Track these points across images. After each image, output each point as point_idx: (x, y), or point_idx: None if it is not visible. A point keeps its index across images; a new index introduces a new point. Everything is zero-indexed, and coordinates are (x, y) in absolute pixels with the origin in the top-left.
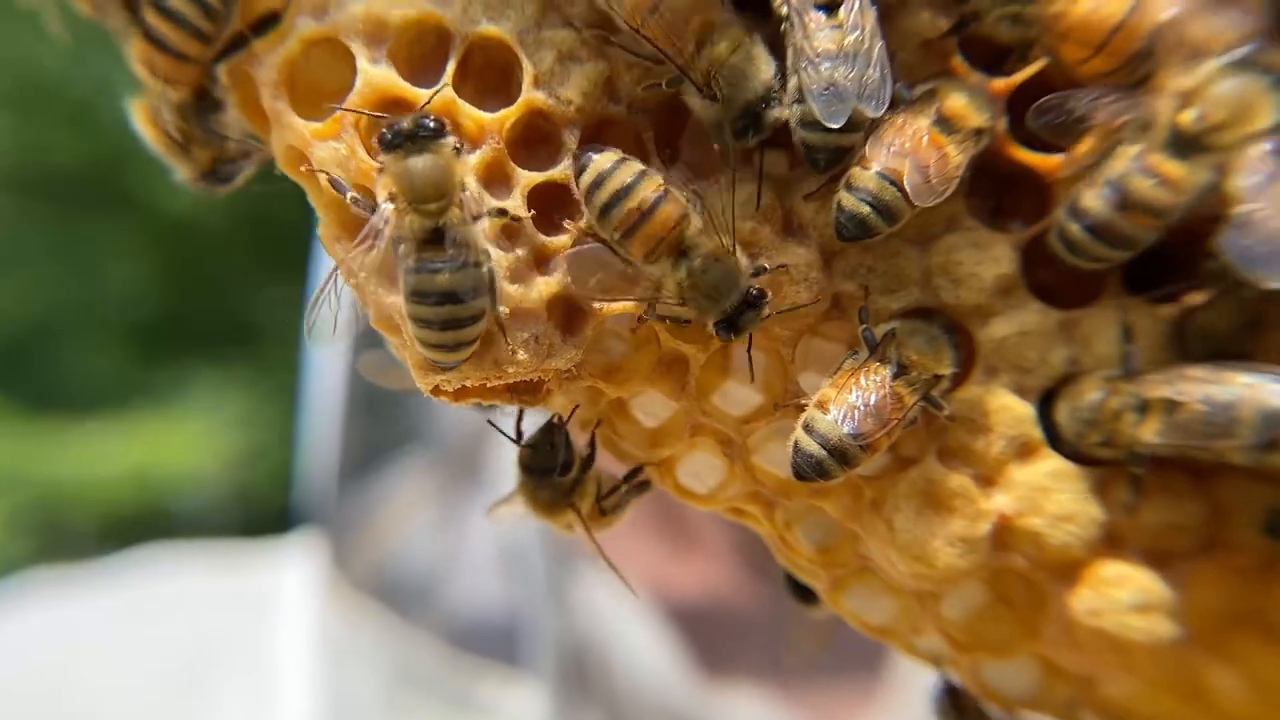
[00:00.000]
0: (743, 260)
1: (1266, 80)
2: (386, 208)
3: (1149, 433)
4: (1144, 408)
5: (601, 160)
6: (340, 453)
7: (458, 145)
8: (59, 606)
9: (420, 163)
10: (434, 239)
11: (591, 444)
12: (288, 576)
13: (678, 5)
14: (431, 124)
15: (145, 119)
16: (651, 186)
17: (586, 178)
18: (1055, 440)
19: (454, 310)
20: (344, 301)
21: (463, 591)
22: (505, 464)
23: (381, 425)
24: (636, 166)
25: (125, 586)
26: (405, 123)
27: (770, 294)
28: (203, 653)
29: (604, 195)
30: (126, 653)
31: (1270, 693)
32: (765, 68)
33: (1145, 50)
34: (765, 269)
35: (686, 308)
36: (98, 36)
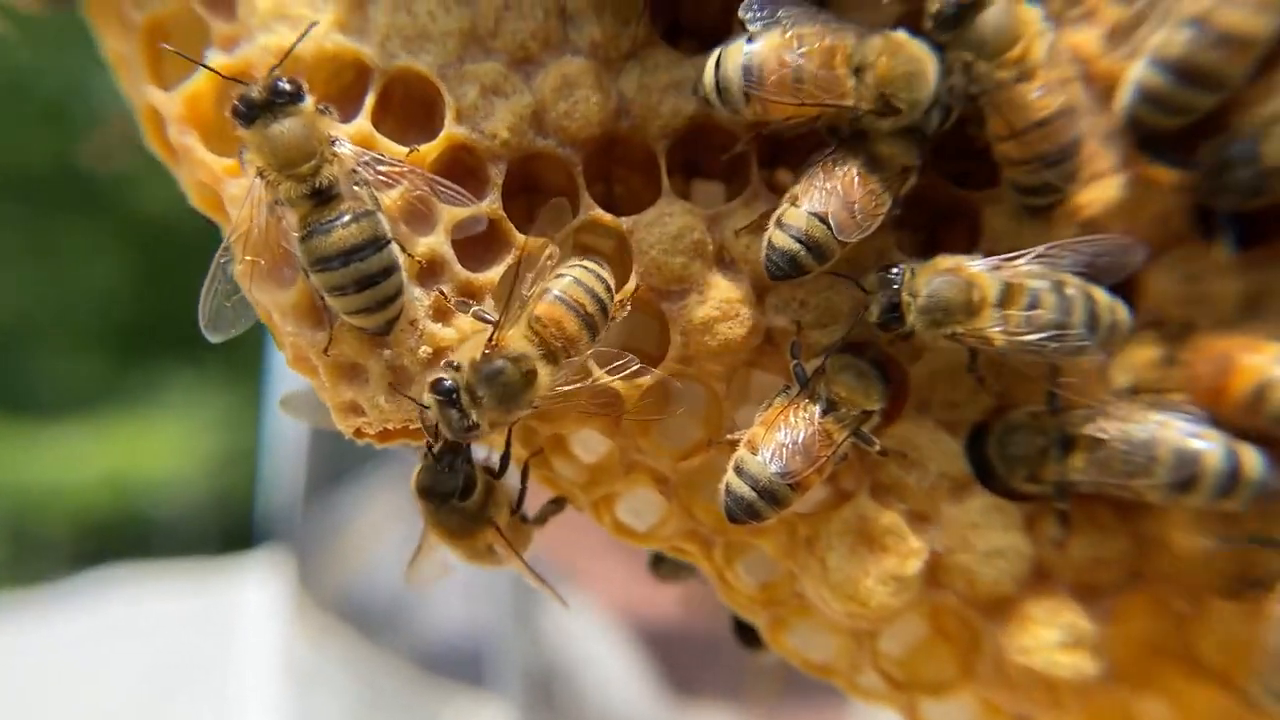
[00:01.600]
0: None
1: None
2: (256, 183)
3: (1072, 469)
4: (1067, 444)
5: None
6: (306, 469)
7: (321, 107)
8: (20, 632)
9: (280, 128)
10: (318, 200)
11: (504, 461)
12: (253, 596)
13: (813, 56)
14: (286, 86)
15: None
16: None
17: None
18: (986, 475)
19: (360, 267)
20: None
21: (430, 613)
22: None
23: (348, 441)
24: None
25: (88, 610)
26: (257, 91)
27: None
28: (166, 676)
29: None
30: (89, 678)
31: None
32: (926, 57)
33: (1055, 158)
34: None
35: None
36: (68, 35)
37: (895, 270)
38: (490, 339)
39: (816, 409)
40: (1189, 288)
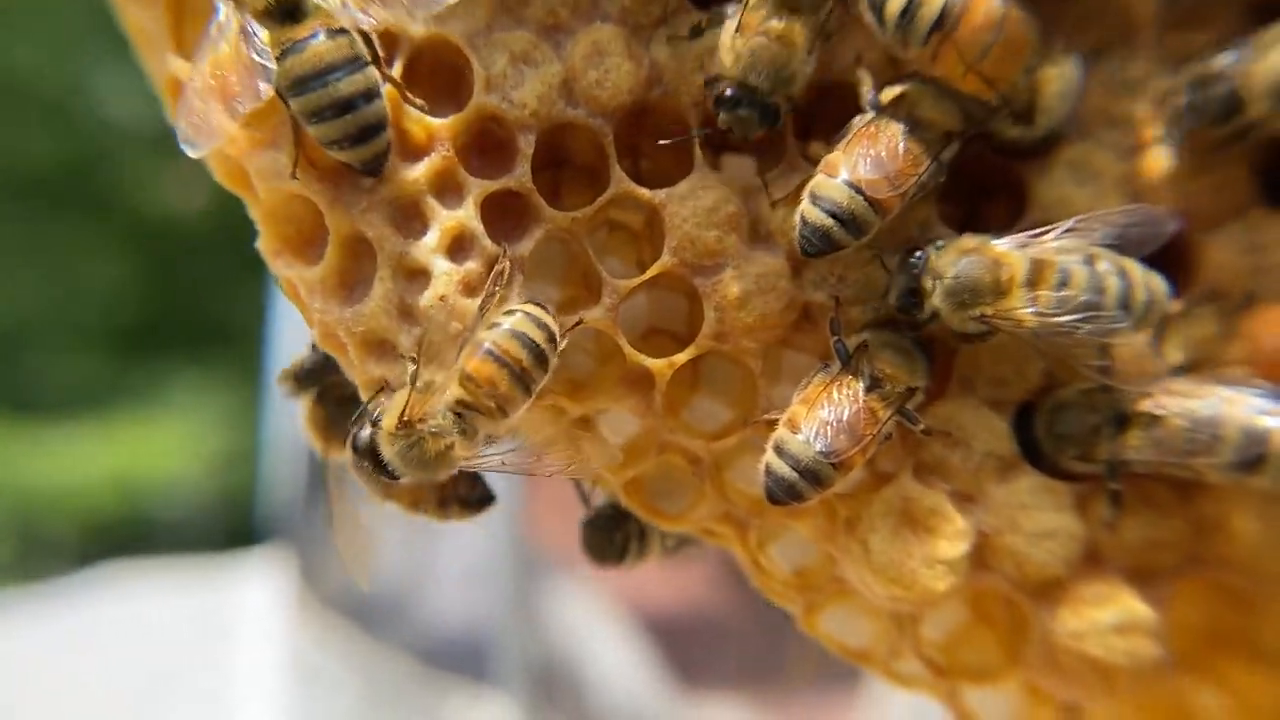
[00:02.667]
0: None
1: None
2: (227, 8)
3: (1127, 448)
4: (1122, 421)
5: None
6: (307, 467)
7: None
8: (24, 628)
9: None
10: (285, 16)
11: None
12: (256, 593)
13: (1015, 24)
14: None
15: None
16: None
17: None
18: (1034, 455)
19: (340, 87)
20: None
21: (432, 607)
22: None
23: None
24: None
25: (90, 606)
26: None
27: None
28: (169, 673)
29: None
30: (92, 675)
31: (1256, 714)
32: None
33: None
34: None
35: None
36: (70, 36)
37: (919, 253)
38: (403, 410)
39: (860, 386)
40: (1251, 259)
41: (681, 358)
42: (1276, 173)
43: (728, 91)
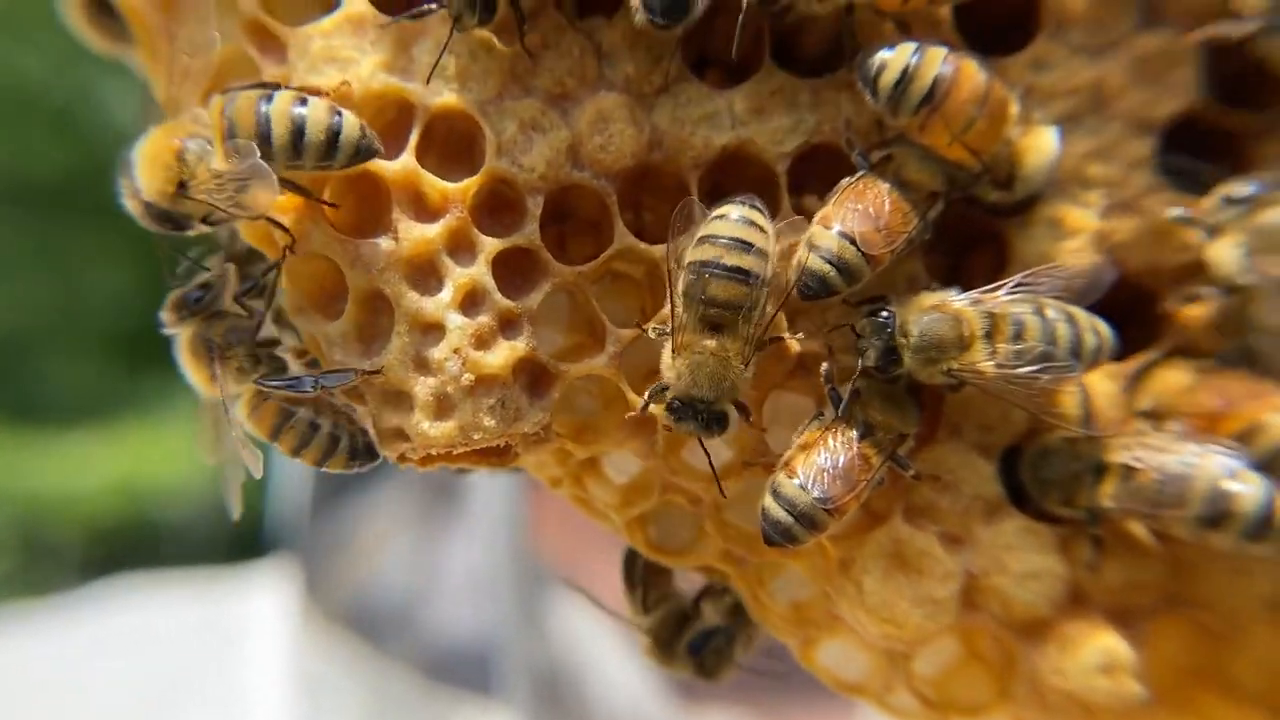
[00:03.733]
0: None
1: None
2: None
3: (1104, 495)
4: (1100, 470)
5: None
6: (312, 477)
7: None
8: (28, 641)
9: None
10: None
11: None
12: (261, 605)
13: (997, 101)
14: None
15: None
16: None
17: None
18: (1019, 498)
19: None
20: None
21: (437, 620)
22: (482, 489)
23: None
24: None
25: (96, 619)
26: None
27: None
28: (174, 686)
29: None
30: (97, 688)
31: None
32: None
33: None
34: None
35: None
36: (77, 45)
37: (885, 313)
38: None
39: (854, 433)
40: (1215, 313)
41: None
42: None
43: (675, 404)
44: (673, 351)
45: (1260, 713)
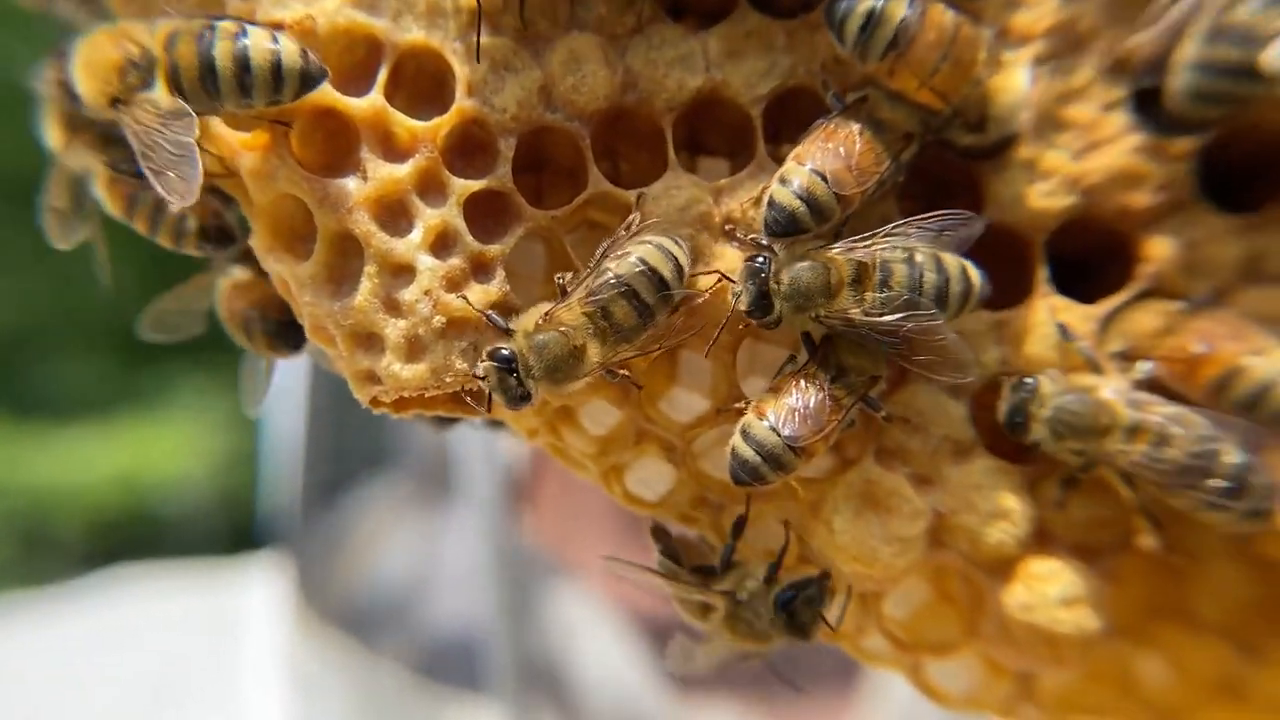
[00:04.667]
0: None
1: None
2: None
3: (1130, 455)
4: (1134, 431)
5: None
6: (304, 474)
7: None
8: (27, 632)
9: None
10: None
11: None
12: (256, 598)
13: (964, 44)
14: None
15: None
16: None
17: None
18: (1015, 429)
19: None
20: None
21: (430, 614)
22: (475, 483)
23: (348, 442)
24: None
25: (93, 610)
26: None
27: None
28: (169, 680)
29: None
30: (94, 680)
31: (1193, 678)
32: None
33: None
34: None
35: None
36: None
37: (762, 260)
38: (546, 313)
39: (826, 376)
40: (1188, 254)
41: (657, 350)
42: (1215, 170)
43: (503, 360)
44: (544, 315)
45: (1218, 641)
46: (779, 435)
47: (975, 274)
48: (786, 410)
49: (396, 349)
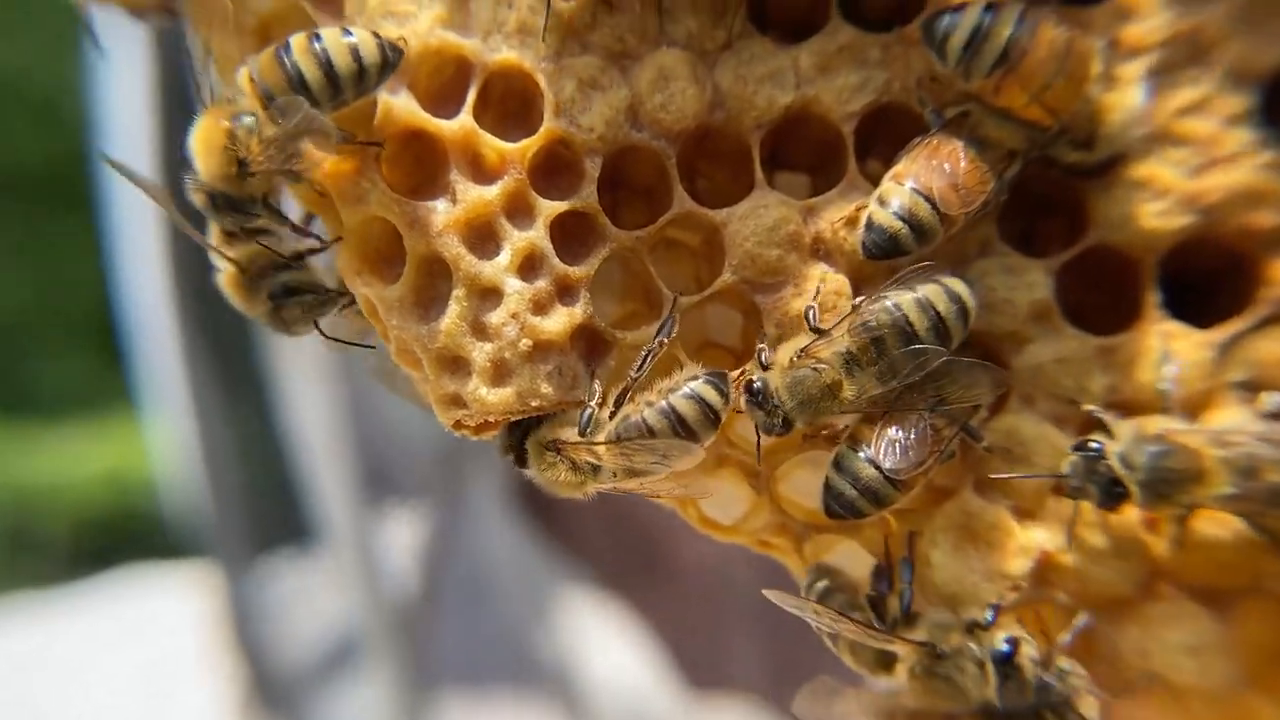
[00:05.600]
0: None
1: None
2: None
3: (1216, 489)
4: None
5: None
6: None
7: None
8: (17, 635)
9: None
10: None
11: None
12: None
13: (1078, 59)
14: None
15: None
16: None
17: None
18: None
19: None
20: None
21: (440, 619)
22: (487, 482)
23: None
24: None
25: (85, 613)
26: None
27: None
28: (163, 679)
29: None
30: (87, 681)
31: None
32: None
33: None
34: None
35: None
36: (60, 35)
37: (758, 382)
38: (805, 347)
39: (924, 405)
40: None
41: (740, 374)
42: None
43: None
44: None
45: None
46: (878, 469)
47: (960, 286)
48: (887, 440)
49: (483, 373)
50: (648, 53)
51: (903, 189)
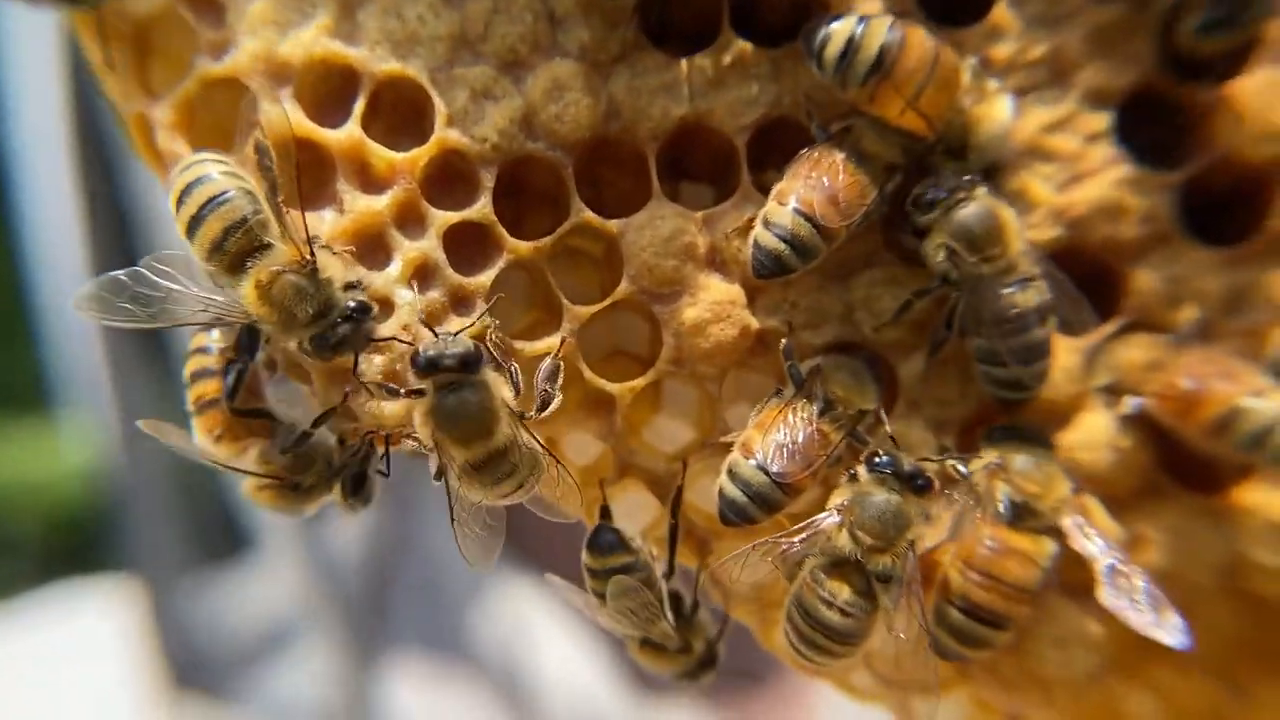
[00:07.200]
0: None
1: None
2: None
3: None
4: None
5: None
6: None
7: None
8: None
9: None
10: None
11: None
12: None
13: (946, 66)
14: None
15: None
16: None
17: None
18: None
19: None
20: None
21: (391, 616)
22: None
23: None
24: None
25: (55, 622)
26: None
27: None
28: (93, 695)
29: None
30: (44, 697)
31: (1185, 716)
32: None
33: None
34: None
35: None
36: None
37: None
38: None
39: (814, 409)
40: (1172, 287)
41: (640, 383)
42: (1197, 204)
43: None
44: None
45: (1207, 680)
46: (766, 474)
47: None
48: (774, 446)
49: (377, 387)
50: (541, 63)
51: (784, 210)
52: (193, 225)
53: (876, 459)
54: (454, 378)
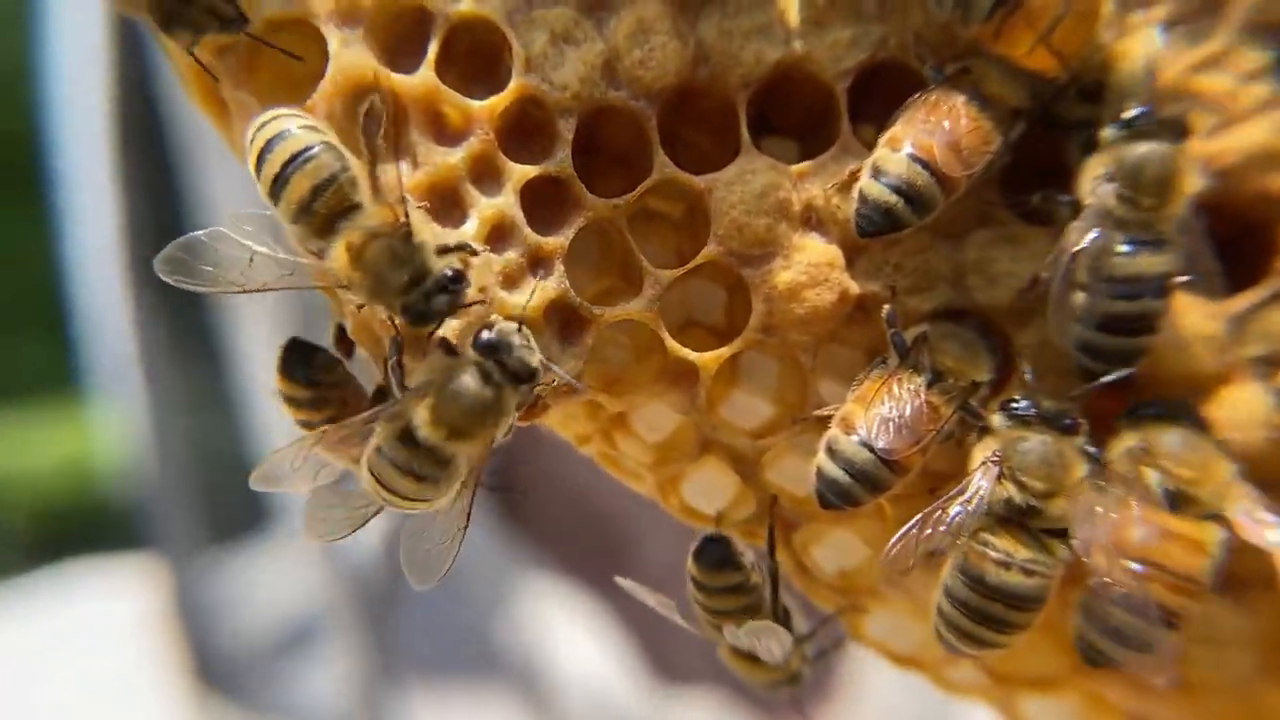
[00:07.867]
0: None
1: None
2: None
3: None
4: None
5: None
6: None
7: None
8: None
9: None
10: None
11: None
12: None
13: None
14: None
15: None
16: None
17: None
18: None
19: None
20: None
21: (406, 611)
22: None
23: None
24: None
25: (46, 610)
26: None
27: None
28: (115, 684)
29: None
30: (38, 684)
31: None
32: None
33: None
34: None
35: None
36: (10, 13)
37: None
38: None
39: (921, 380)
40: None
41: (727, 351)
42: None
43: None
44: None
45: None
46: (871, 450)
47: None
48: (879, 420)
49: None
50: (625, 3)
51: (898, 157)
52: (276, 185)
53: (1014, 404)
54: (499, 375)
